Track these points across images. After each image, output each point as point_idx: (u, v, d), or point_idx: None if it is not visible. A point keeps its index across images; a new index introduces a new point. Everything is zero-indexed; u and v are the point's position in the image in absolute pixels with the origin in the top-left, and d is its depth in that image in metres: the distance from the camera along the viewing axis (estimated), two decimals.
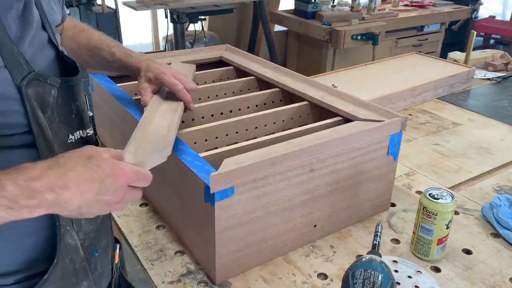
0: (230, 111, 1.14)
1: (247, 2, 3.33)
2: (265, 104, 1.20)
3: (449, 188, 1.15)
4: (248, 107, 1.17)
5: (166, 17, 2.98)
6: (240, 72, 1.36)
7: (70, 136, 0.72)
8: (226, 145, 0.97)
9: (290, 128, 1.08)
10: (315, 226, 0.95)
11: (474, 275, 0.87)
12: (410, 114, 1.60)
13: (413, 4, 4.14)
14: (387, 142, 0.98)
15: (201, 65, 1.38)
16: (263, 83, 1.28)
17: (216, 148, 0.98)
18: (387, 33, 3.62)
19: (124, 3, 2.80)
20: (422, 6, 4.10)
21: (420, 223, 0.88)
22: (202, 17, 2.97)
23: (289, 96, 1.21)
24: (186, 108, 0.97)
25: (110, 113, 1.17)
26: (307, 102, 1.14)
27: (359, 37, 3.26)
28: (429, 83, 1.68)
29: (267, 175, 0.82)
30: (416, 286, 0.83)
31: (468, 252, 0.93)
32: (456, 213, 1.05)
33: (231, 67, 1.39)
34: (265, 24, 3.44)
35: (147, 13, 3.63)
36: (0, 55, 0.59)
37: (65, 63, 0.75)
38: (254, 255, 0.88)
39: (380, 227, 0.79)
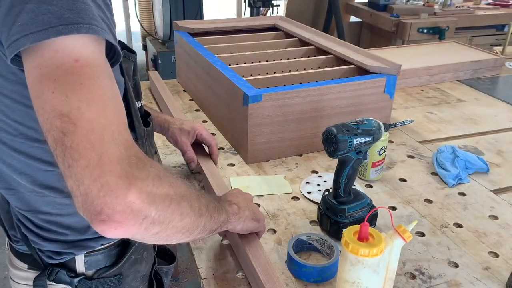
0: (289, 71, 1.45)
1: None
2: (303, 56, 1.56)
3: (418, 142, 1.37)
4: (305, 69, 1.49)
5: (245, 1, 3.37)
6: (288, 35, 1.74)
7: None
8: None
9: None
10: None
11: (397, 193, 1.12)
12: (422, 90, 1.79)
13: (497, 3, 4.08)
14: (383, 82, 1.28)
15: (257, 30, 1.79)
16: (304, 44, 1.65)
17: None
18: (461, 30, 3.65)
19: None
20: (507, 6, 4.03)
21: None
22: (275, 2, 3.30)
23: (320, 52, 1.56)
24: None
25: (188, 59, 1.60)
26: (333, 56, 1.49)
27: (425, 30, 3.37)
28: (447, 64, 1.85)
29: (286, 91, 1.17)
30: None
31: (403, 180, 1.17)
32: (411, 157, 1.28)
33: (282, 32, 1.76)
34: (336, 14, 3.67)
35: None
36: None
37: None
38: (275, 150, 1.24)
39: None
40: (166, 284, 0.98)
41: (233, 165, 1.22)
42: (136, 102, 0.82)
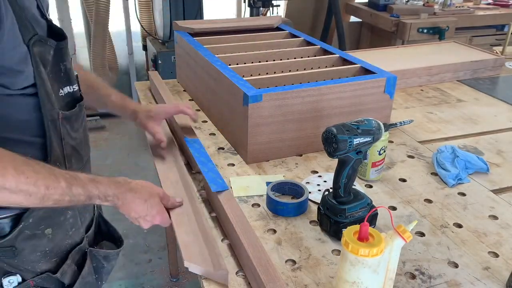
0: (289, 71, 1.45)
1: None
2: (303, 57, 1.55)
3: (418, 142, 1.37)
4: (305, 69, 1.47)
5: (245, 1, 3.37)
6: (291, 36, 1.74)
7: (61, 91, 0.87)
8: None
9: None
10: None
11: (397, 193, 1.12)
12: (421, 90, 1.79)
13: (497, 3, 4.08)
14: (383, 82, 1.28)
15: (258, 30, 1.78)
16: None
17: None
18: (462, 30, 3.65)
19: None
20: (507, 6, 4.03)
21: None
22: (275, 2, 3.30)
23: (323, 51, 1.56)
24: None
25: (188, 59, 1.60)
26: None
27: (425, 31, 3.37)
28: (447, 65, 1.85)
29: (286, 91, 1.17)
30: None
31: (403, 180, 1.17)
32: (411, 157, 1.28)
33: (283, 32, 1.76)
34: (336, 14, 3.67)
35: None
36: (16, 19, 0.74)
37: (53, 31, 0.87)
38: (275, 150, 1.23)
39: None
40: (106, 269, 1.02)
41: (233, 165, 1.22)
42: (67, 87, 0.89)
